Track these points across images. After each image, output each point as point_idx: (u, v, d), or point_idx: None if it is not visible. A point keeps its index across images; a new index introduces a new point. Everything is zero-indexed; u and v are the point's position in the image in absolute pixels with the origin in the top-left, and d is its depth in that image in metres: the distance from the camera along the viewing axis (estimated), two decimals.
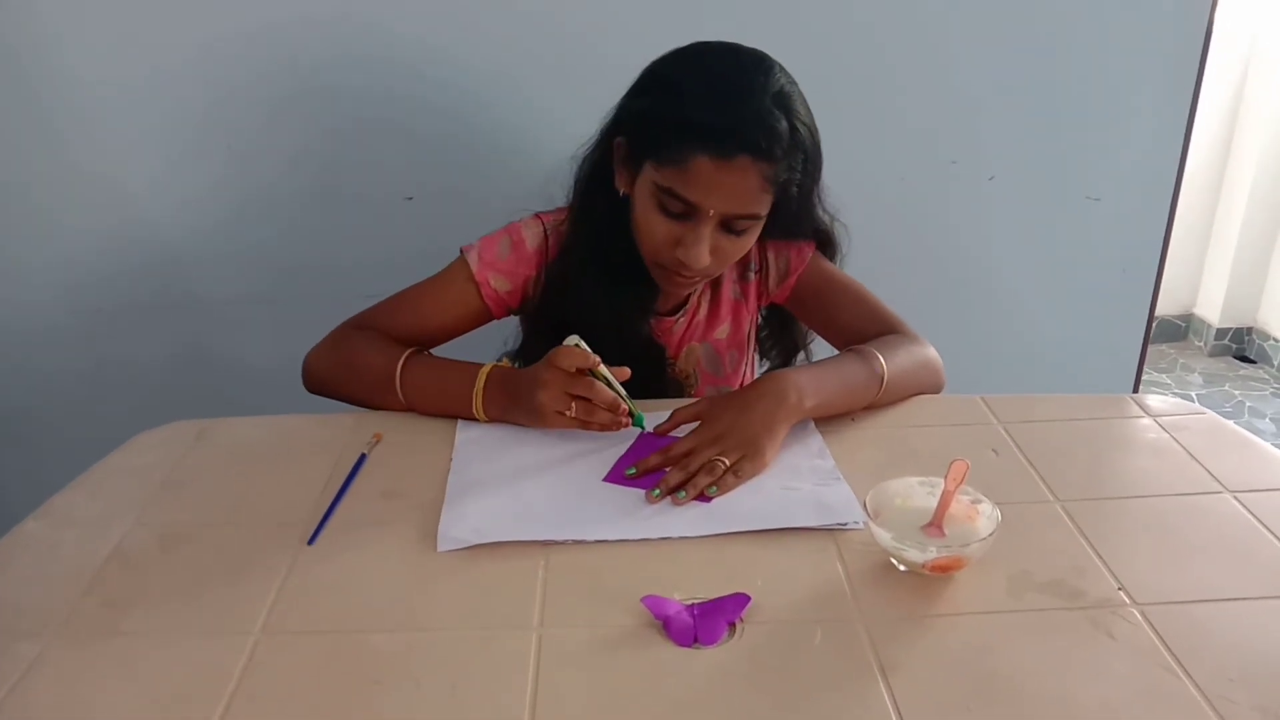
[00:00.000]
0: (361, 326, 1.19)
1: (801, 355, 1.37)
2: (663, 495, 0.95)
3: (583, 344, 1.00)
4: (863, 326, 1.20)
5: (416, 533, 0.91)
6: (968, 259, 1.67)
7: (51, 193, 1.50)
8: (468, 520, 0.92)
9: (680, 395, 1.27)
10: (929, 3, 1.50)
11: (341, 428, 1.10)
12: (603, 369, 1.00)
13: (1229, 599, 0.80)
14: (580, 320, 1.14)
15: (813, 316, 1.29)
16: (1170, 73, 1.56)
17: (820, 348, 1.35)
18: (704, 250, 1.06)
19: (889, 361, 1.10)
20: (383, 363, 1.11)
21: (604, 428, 1.01)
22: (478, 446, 1.05)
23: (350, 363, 1.15)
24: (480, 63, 1.48)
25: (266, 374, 1.48)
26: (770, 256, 1.26)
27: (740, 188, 1.03)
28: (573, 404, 0.99)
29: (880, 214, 1.61)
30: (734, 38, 1.11)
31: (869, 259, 1.39)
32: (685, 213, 1.05)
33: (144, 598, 0.84)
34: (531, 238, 1.20)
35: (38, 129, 1.46)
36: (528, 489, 0.97)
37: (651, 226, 1.08)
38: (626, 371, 1.02)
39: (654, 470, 0.99)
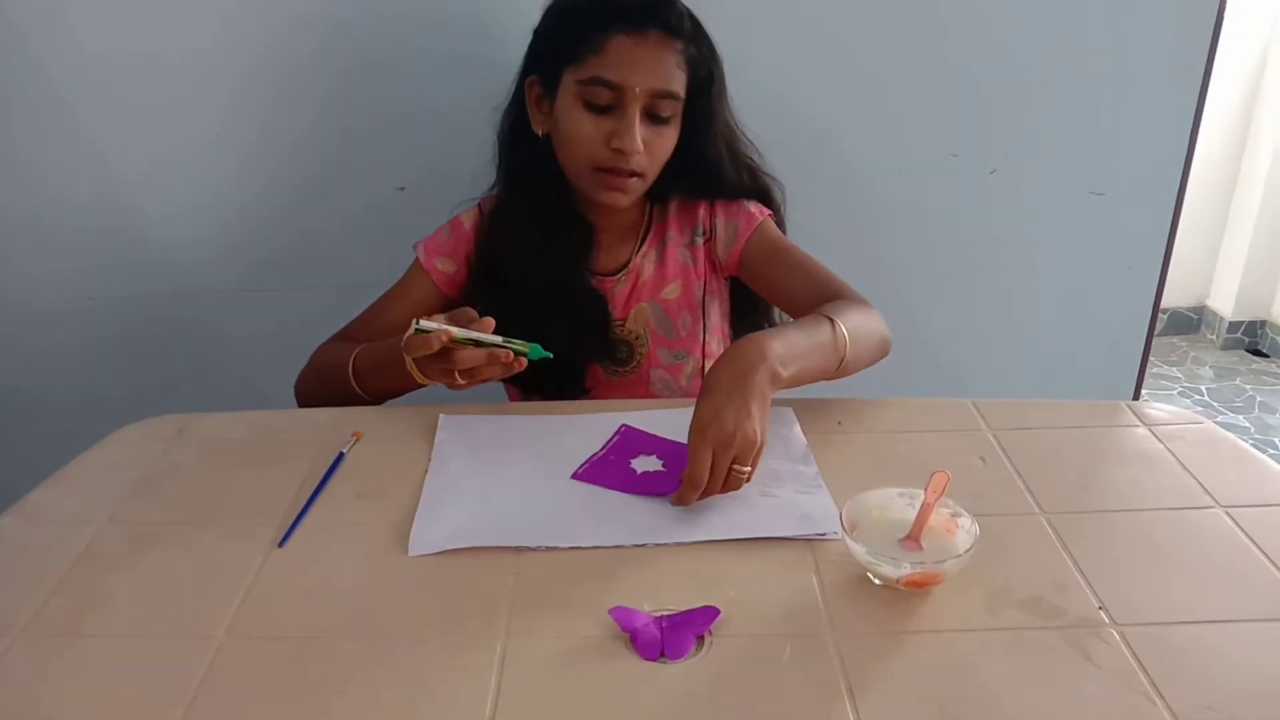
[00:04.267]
0: (336, 339, 1.26)
1: None
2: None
3: (424, 324, 0.98)
4: (812, 294, 1.16)
5: (389, 535, 0.90)
6: (968, 254, 1.64)
7: (42, 184, 1.49)
8: (441, 524, 0.90)
9: (631, 357, 1.27)
10: None
11: (321, 425, 1.09)
12: (458, 332, 0.98)
13: (1213, 621, 0.78)
14: (518, 272, 1.20)
15: (761, 283, 1.27)
16: (1178, 65, 1.53)
17: None
18: (637, 135, 1.11)
19: (846, 323, 1.05)
20: (342, 357, 1.17)
21: (502, 375, 1.00)
22: (457, 446, 1.04)
23: (320, 368, 1.23)
24: (476, 53, 1.45)
25: (258, 364, 1.48)
26: (719, 222, 1.26)
27: (657, 62, 1.10)
28: (456, 375, 1.00)
29: (878, 208, 1.59)
30: (733, 25, 1.14)
31: (866, 254, 1.37)
32: (613, 102, 1.11)
33: (110, 599, 0.83)
34: (468, 220, 1.27)
35: (28, 119, 1.45)
36: (504, 493, 0.95)
37: (582, 129, 1.12)
38: (490, 321, 1.00)
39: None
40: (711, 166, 1.22)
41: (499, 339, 0.99)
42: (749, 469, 0.92)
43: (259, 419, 1.13)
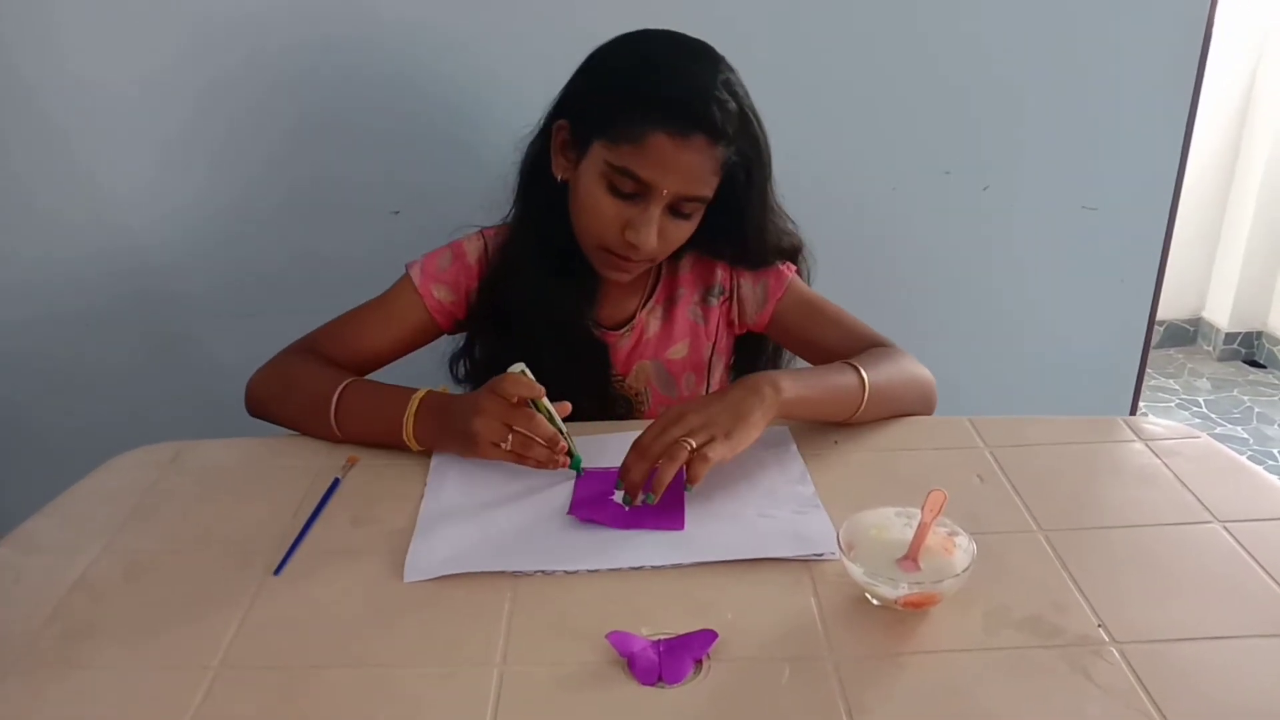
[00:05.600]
0: (306, 350, 1.17)
1: None
2: (633, 498, 0.94)
3: (528, 372, 0.96)
4: (848, 347, 1.17)
5: (384, 562, 0.89)
6: (963, 271, 1.64)
7: (34, 205, 1.49)
8: (436, 551, 0.90)
9: (630, 413, 1.24)
10: (922, 10, 1.47)
11: (317, 451, 1.08)
12: (545, 401, 0.95)
13: (1212, 637, 0.77)
14: (520, 311, 1.16)
15: (794, 340, 1.26)
16: (1168, 79, 1.54)
17: None
18: (654, 232, 1.06)
19: (871, 370, 1.08)
20: (321, 387, 1.09)
21: (540, 464, 0.96)
22: (452, 471, 1.03)
23: (290, 384, 1.13)
24: (472, 79, 1.46)
25: None
26: (744, 282, 1.24)
27: (694, 167, 1.04)
28: (509, 435, 0.95)
29: (872, 225, 1.59)
30: (726, 45, 1.10)
31: (861, 272, 1.37)
32: (636, 192, 1.05)
33: (104, 629, 0.82)
34: (472, 250, 1.21)
35: (22, 142, 1.45)
36: (499, 518, 0.95)
37: (600, 208, 1.07)
38: (568, 406, 0.98)
39: (638, 480, 0.95)
40: (741, 242, 1.18)
41: (565, 429, 0.97)
42: (690, 443, 0.93)
43: (253, 445, 1.12)
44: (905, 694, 0.73)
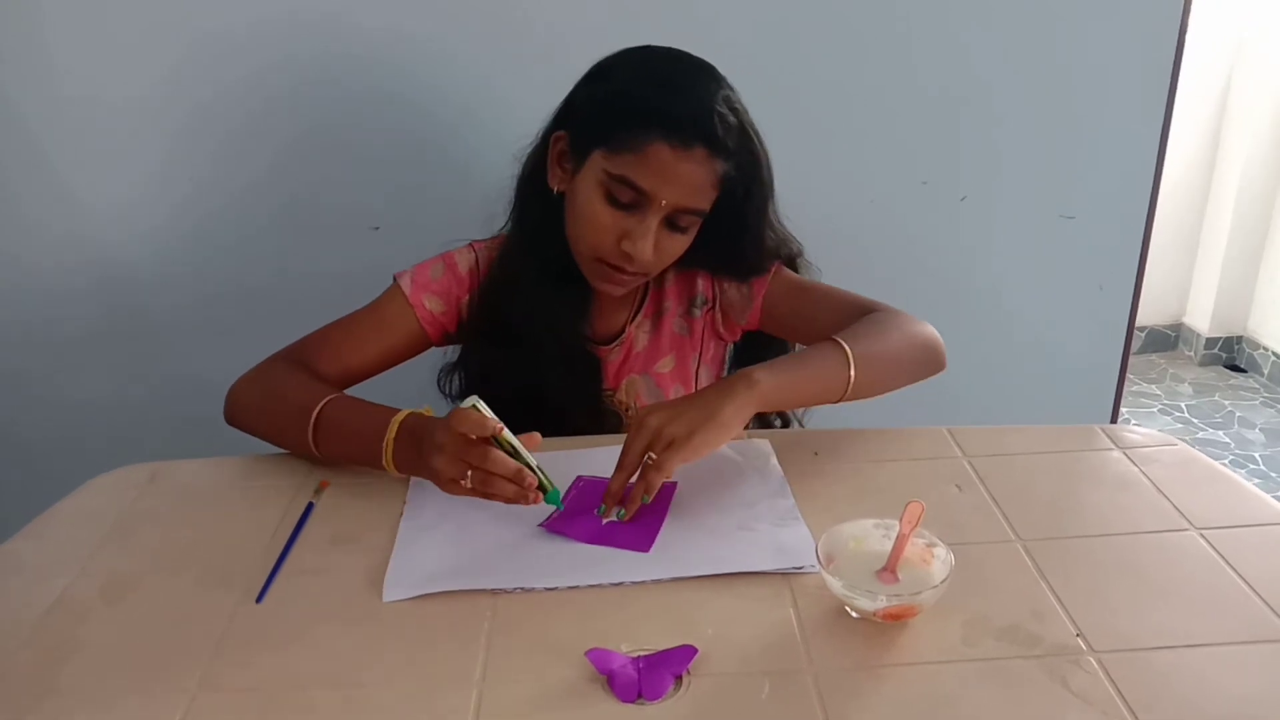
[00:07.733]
0: (292, 359, 1.14)
1: None
2: (608, 509, 0.95)
3: (481, 405, 0.90)
4: (841, 320, 1.12)
5: (364, 581, 0.89)
6: (941, 282, 1.65)
7: (14, 219, 1.49)
8: (416, 569, 0.90)
9: (619, 427, 1.24)
10: (896, 22, 1.48)
11: (295, 471, 1.08)
12: (507, 435, 0.90)
13: (1189, 645, 0.78)
14: (516, 324, 1.15)
15: (788, 327, 1.23)
16: (1143, 86, 1.55)
17: None
18: (650, 243, 1.06)
19: (857, 342, 1.04)
20: (302, 401, 1.05)
21: (509, 500, 0.91)
22: (432, 490, 1.01)
23: (270, 396, 1.10)
24: (452, 95, 1.46)
25: None
26: (727, 287, 1.23)
27: (694, 179, 1.04)
28: (469, 472, 0.91)
29: (850, 237, 1.59)
30: (703, 54, 1.10)
31: (840, 283, 1.37)
32: (634, 203, 1.05)
33: (81, 652, 0.82)
34: (463, 262, 1.20)
35: (2, 158, 1.45)
36: (478, 536, 0.94)
37: (597, 219, 1.07)
38: (537, 438, 0.94)
39: (615, 490, 0.96)
40: (738, 257, 1.18)
41: (534, 461, 0.92)
42: (653, 456, 0.94)
43: (232, 464, 1.12)
44: (885, 707, 0.73)
